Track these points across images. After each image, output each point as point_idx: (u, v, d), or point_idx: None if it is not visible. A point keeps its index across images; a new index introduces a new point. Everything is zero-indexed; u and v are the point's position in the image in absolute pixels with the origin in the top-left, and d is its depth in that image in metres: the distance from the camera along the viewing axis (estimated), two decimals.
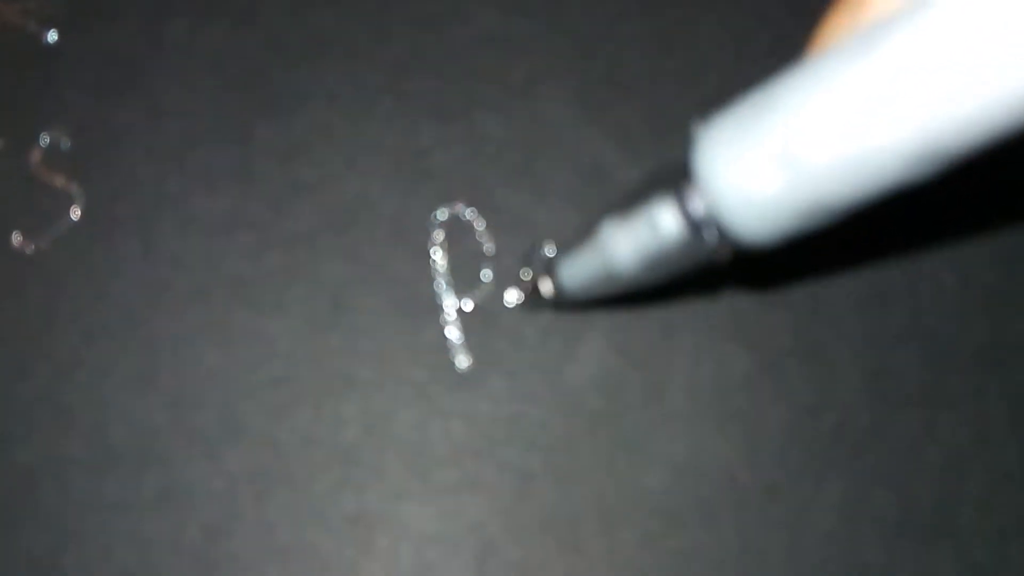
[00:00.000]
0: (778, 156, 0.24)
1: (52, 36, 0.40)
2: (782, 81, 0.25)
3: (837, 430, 0.37)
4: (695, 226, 0.27)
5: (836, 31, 0.25)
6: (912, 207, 0.37)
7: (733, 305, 0.38)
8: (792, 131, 0.24)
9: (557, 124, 0.40)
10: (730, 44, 0.41)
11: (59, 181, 0.38)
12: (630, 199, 0.29)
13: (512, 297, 0.37)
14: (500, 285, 0.38)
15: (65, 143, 0.38)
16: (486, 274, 0.38)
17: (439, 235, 0.38)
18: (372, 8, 0.41)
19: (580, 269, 0.32)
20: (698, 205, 0.26)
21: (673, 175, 0.27)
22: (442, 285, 0.37)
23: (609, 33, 0.41)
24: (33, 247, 0.37)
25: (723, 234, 0.26)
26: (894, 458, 0.37)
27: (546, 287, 0.34)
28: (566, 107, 0.40)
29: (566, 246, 0.33)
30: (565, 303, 0.35)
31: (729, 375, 0.37)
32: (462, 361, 0.37)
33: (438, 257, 0.38)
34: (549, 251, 0.35)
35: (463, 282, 0.38)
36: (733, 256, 0.27)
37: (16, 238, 0.37)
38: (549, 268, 0.34)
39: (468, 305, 0.37)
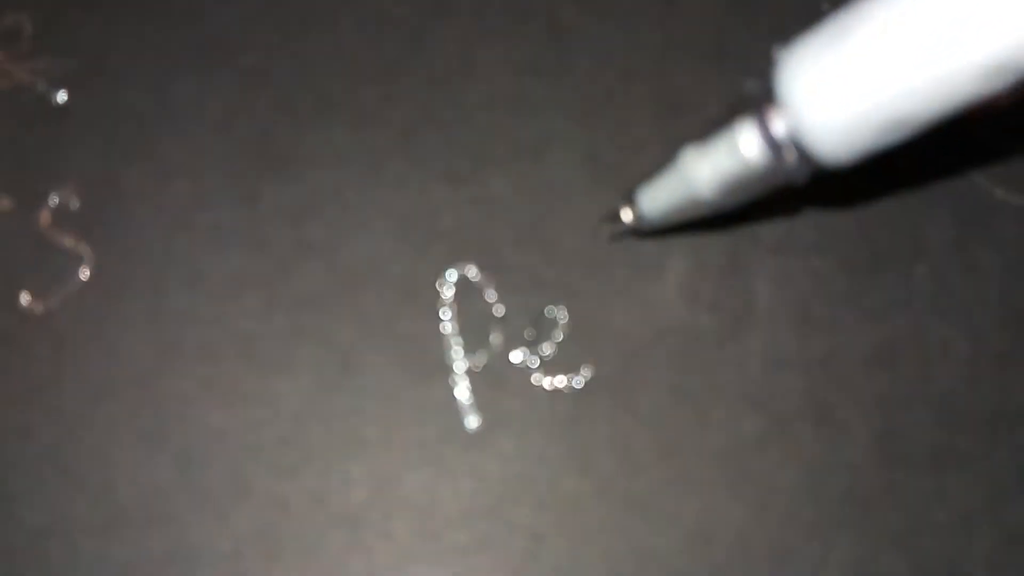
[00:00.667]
0: (860, 76, 0.26)
1: (61, 96, 0.40)
2: (863, 5, 0.26)
3: (847, 492, 0.37)
4: (776, 147, 0.28)
5: None
6: (922, 266, 0.37)
7: (742, 366, 0.38)
8: (874, 51, 0.25)
9: (566, 185, 0.40)
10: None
11: (68, 241, 0.38)
12: (709, 127, 0.30)
13: (518, 357, 0.37)
14: (509, 345, 0.38)
15: (74, 203, 0.38)
16: (495, 334, 0.38)
17: (448, 295, 0.38)
18: (380, 69, 0.41)
19: (661, 195, 0.33)
20: (779, 126, 0.28)
21: (753, 100, 0.29)
22: (451, 345, 0.37)
23: (618, 95, 0.41)
24: (42, 307, 0.37)
25: (804, 154, 0.28)
26: (904, 520, 0.37)
27: (627, 215, 0.35)
28: (575, 169, 0.40)
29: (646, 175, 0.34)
30: (645, 230, 0.36)
31: (739, 436, 0.37)
32: (471, 421, 0.37)
33: (447, 317, 0.38)
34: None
35: (472, 342, 0.38)
36: (811, 176, 0.29)
37: (25, 298, 0.37)
38: (629, 196, 0.35)
39: (480, 361, 0.37)
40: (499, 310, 0.38)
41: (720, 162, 0.30)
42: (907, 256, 0.39)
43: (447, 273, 0.38)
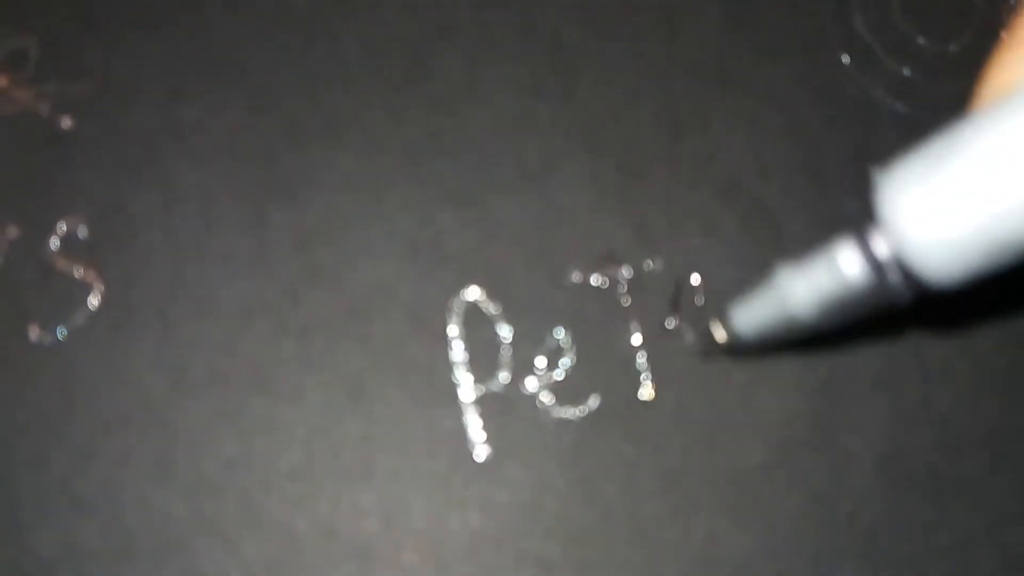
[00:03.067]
0: (967, 197, 0.25)
1: (67, 122, 0.40)
2: (965, 127, 0.26)
3: (851, 518, 0.37)
4: (879, 268, 0.28)
5: (1001, 82, 0.28)
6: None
7: (746, 394, 0.38)
8: (982, 172, 0.25)
9: (572, 208, 0.40)
10: (742, 129, 0.41)
11: (77, 270, 0.38)
12: (804, 247, 0.30)
13: (530, 386, 0.38)
14: (518, 371, 0.38)
15: (82, 230, 0.38)
16: (504, 361, 0.38)
17: (456, 321, 0.38)
18: (387, 92, 0.41)
19: (755, 315, 0.33)
20: (883, 247, 0.27)
21: (852, 220, 0.28)
22: (460, 372, 0.38)
23: (623, 118, 0.41)
24: (51, 336, 0.37)
25: (908, 275, 0.27)
26: (907, 544, 0.37)
27: (719, 334, 0.35)
28: (580, 191, 0.40)
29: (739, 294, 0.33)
30: (739, 350, 0.36)
31: (744, 463, 0.37)
32: (480, 451, 0.37)
33: (455, 343, 0.38)
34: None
35: (480, 369, 0.38)
36: (917, 298, 0.28)
37: (34, 328, 0.37)
38: (722, 315, 0.34)
39: (488, 389, 0.37)
40: (507, 336, 0.38)
41: (819, 282, 0.30)
42: None
43: (455, 300, 0.38)
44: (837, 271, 0.29)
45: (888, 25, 0.43)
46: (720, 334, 0.34)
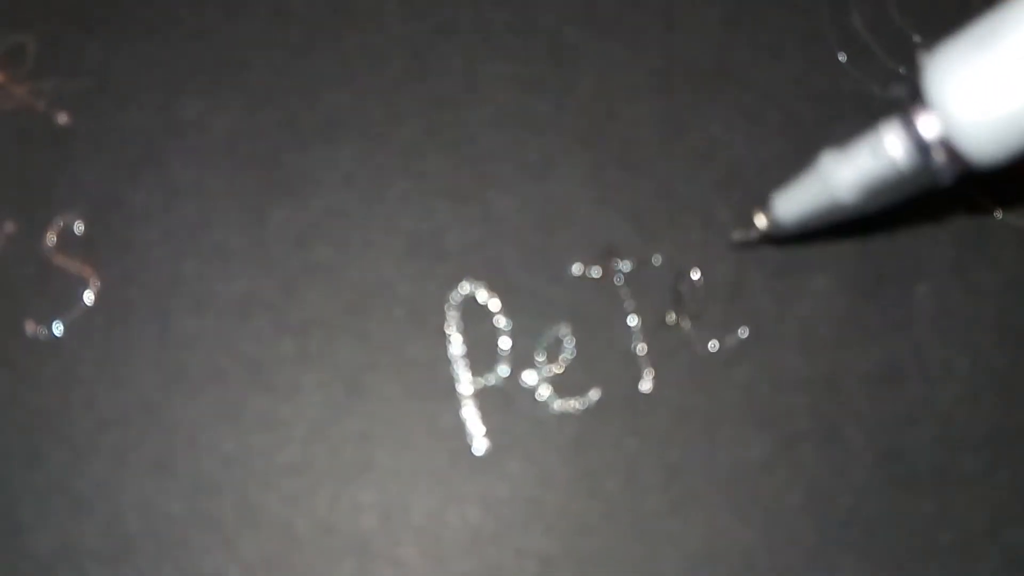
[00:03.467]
0: (1012, 75, 0.26)
1: (64, 117, 0.39)
2: (1010, 9, 0.27)
3: (852, 513, 0.37)
4: (923, 149, 0.29)
5: None
6: (923, 286, 0.38)
7: (748, 388, 0.38)
8: None
9: (571, 203, 0.40)
10: (741, 124, 0.41)
11: (73, 265, 0.38)
12: (849, 133, 0.31)
13: (528, 379, 0.37)
14: (517, 365, 0.38)
15: (79, 226, 0.38)
16: (503, 355, 0.38)
17: (455, 316, 0.38)
18: (386, 88, 0.41)
19: (798, 201, 0.34)
20: (928, 127, 0.28)
21: (897, 101, 0.29)
22: (459, 366, 0.37)
23: (622, 113, 0.41)
24: (47, 332, 0.37)
25: (952, 155, 0.28)
26: (908, 541, 0.37)
27: (760, 221, 0.35)
28: (580, 187, 0.40)
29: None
30: (781, 236, 0.36)
31: (745, 458, 0.37)
32: (479, 445, 0.37)
33: (454, 338, 0.38)
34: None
35: (480, 363, 0.38)
36: (959, 178, 0.29)
37: (30, 324, 0.37)
38: (763, 203, 0.35)
39: (488, 383, 0.37)
40: (506, 330, 0.38)
41: (864, 165, 0.31)
42: (908, 276, 0.39)
43: (454, 294, 0.38)
44: (882, 153, 0.30)
45: (885, 23, 0.43)
46: (761, 221, 0.35)
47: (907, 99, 0.29)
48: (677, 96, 0.41)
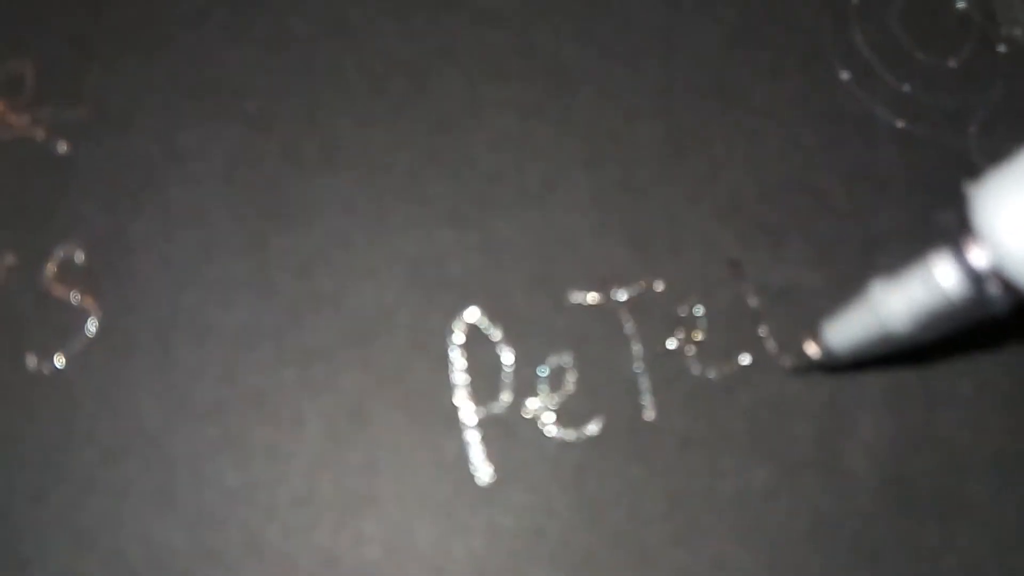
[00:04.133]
0: None
1: (63, 147, 0.39)
2: None
3: (856, 541, 0.37)
4: (976, 279, 0.28)
5: None
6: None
7: (751, 415, 0.38)
8: None
9: (572, 228, 0.39)
10: (742, 147, 0.41)
11: (74, 296, 0.37)
12: (899, 261, 0.31)
13: (532, 407, 0.37)
14: (520, 393, 0.38)
15: (79, 257, 0.38)
16: (505, 383, 0.37)
17: (457, 344, 0.38)
18: (386, 114, 0.41)
19: (849, 331, 0.34)
20: (980, 258, 0.28)
21: (946, 232, 0.29)
22: (461, 395, 0.37)
23: (622, 136, 0.41)
24: (49, 365, 0.37)
25: (1007, 285, 0.28)
26: (913, 567, 0.37)
27: (812, 349, 0.35)
28: (581, 211, 0.40)
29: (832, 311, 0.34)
30: (833, 364, 0.36)
31: (749, 486, 0.37)
32: (483, 475, 0.37)
33: (457, 367, 0.38)
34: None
35: (482, 392, 0.37)
36: (1015, 307, 0.29)
37: (31, 357, 0.37)
38: (815, 331, 0.35)
39: (491, 412, 0.37)
40: (508, 359, 0.38)
41: (915, 296, 0.31)
42: None
43: (456, 322, 0.38)
44: (934, 284, 0.30)
45: (887, 41, 0.43)
46: (813, 349, 0.35)
47: (956, 228, 0.29)
48: (678, 118, 0.41)
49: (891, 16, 0.43)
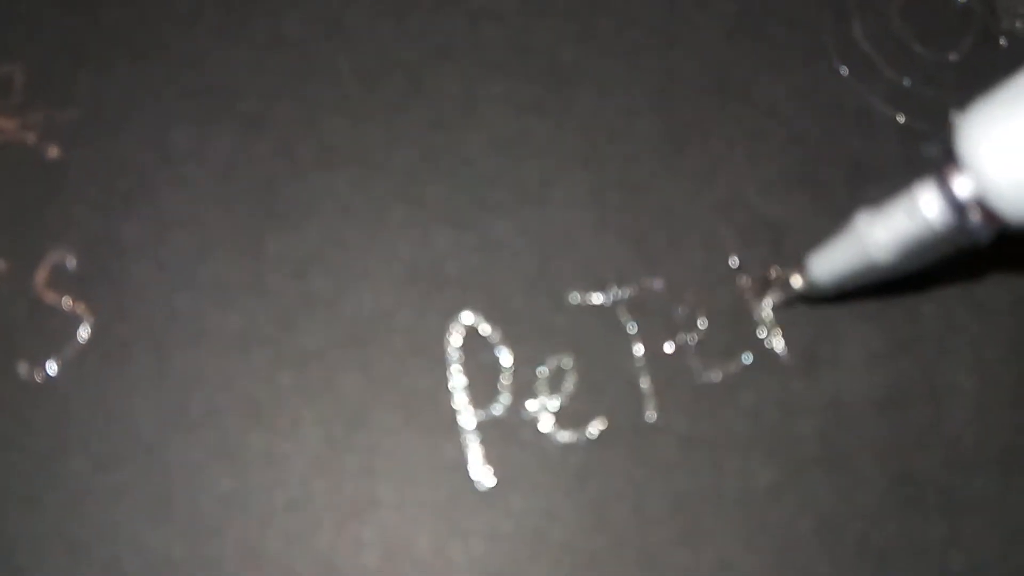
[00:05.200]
0: None
1: (54, 151, 0.39)
2: None
3: (863, 540, 0.37)
4: (959, 209, 0.29)
5: None
6: (929, 306, 0.37)
7: (754, 415, 0.37)
8: None
9: (571, 227, 0.39)
10: (742, 143, 0.40)
11: (66, 302, 0.37)
12: (883, 193, 0.31)
13: (531, 408, 0.37)
14: (519, 395, 0.37)
15: (71, 262, 0.38)
16: (504, 385, 0.37)
17: (455, 347, 0.37)
18: (382, 114, 0.40)
19: (834, 262, 0.34)
20: (963, 187, 0.28)
21: (931, 162, 0.29)
22: (460, 398, 0.37)
23: (621, 133, 0.40)
24: (41, 372, 0.36)
25: (989, 214, 0.28)
26: (920, 566, 0.37)
27: (796, 282, 0.35)
28: (580, 210, 0.39)
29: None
30: (817, 296, 0.36)
31: (753, 486, 0.37)
32: (483, 479, 0.36)
33: (455, 370, 0.37)
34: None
35: (481, 394, 0.37)
36: (995, 237, 0.29)
37: (23, 364, 0.36)
38: (798, 263, 0.35)
39: (490, 414, 0.37)
40: (507, 361, 0.37)
41: (899, 225, 0.31)
42: (914, 296, 0.39)
43: (454, 324, 0.38)
44: (918, 213, 0.30)
45: (887, 35, 0.42)
46: (798, 281, 0.35)
47: (940, 159, 0.29)
48: (677, 115, 0.41)
49: (891, 10, 0.43)
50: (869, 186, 0.40)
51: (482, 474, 0.36)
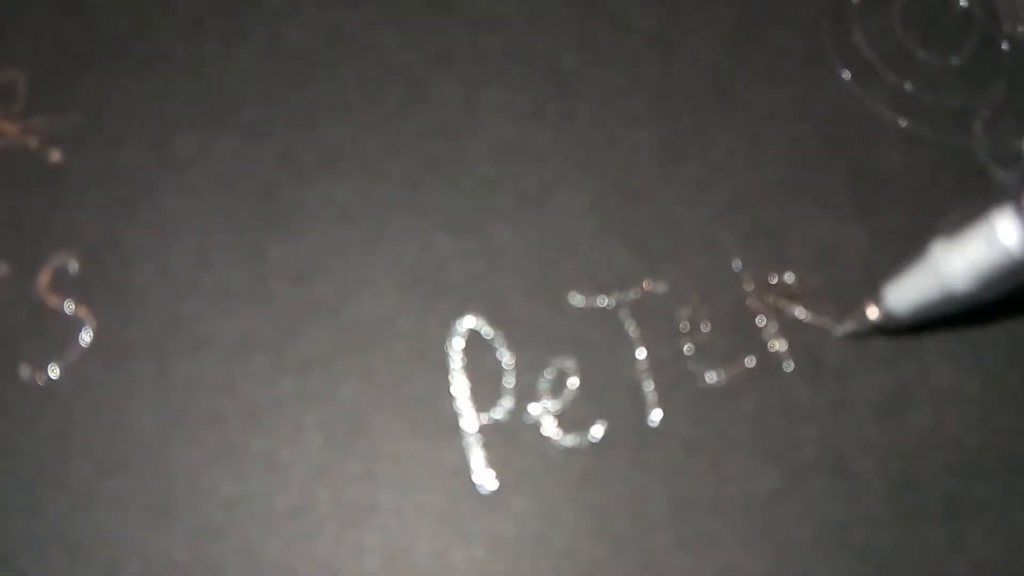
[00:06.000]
0: None
1: (57, 156, 0.39)
2: None
3: (864, 546, 0.36)
4: None
5: None
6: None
7: (757, 419, 0.37)
8: None
9: (572, 233, 0.39)
10: (742, 149, 0.40)
11: (68, 306, 0.37)
12: (959, 221, 0.31)
13: (533, 412, 0.37)
14: (521, 399, 0.37)
15: (73, 267, 0.38)
16: (506, 389, 0.37)
17: (457, 352, 0.37)
18: (383, 121, 0.40)
19: (911, 292, 0.33)
20: None
21: (1008, 189, 0.29)
22: (462, 402, 0.37)
23: (621, 140, 0.40)
24: (43, 376, 0.36)
25: None
26: (923, 571, 0.36)
27: (872, 312, 0.35)
28: (580, 216, 0.39)
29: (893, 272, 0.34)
30: (893, 327, 0.36)
31: (754, 491, 0.37)
32: (484, 483, 0.36)
33: (457, 373, 0.37)
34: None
35: (483, 398, 0.37)
36: None
37: (25, 367, 0.36)
38: (874, 294, 0.35)
39: (492, 419, 0.37)
40: (509, 365, 0.37)
41: (977, 254, 0.31)
42: None
43: (455, 329, 0.38)
44: (996, 241, 0.30)
45: (889, 40, 0.42)
46: (874, 312, 0.35)
47: (1017, 186, 0.29)
48: (677, 121, 0.41)
49: (892, 15, 0.43)
50: (871, 194, 0.40)
51: (484, 478, 0.36)
